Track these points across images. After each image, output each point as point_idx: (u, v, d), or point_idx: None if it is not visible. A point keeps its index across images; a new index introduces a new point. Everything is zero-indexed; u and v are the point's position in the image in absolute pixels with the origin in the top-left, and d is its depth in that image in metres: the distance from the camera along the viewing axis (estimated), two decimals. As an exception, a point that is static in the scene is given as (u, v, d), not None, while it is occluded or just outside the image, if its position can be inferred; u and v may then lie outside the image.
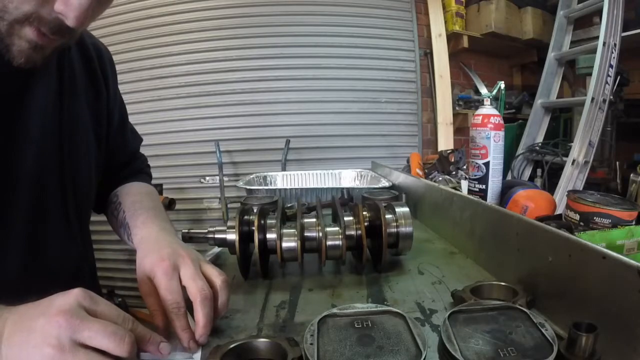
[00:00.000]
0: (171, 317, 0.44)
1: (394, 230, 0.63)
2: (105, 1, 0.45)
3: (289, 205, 1.00)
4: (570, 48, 2.11)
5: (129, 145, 0.77)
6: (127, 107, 0.76)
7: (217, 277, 0.48)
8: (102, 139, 0.66)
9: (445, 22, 2.40)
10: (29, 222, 0.52)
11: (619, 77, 1.76)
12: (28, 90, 0.52)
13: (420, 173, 1.53)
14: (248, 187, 1.18)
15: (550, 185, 1.87)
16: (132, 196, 0.67)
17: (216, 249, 0.76)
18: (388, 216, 0.64)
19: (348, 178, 1.49)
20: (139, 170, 0.79)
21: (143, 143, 0.81)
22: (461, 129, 2.48)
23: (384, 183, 1.19)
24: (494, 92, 1.22)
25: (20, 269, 0.51)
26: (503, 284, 0.51)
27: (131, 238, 0.59)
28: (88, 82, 0.63)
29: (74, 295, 0.35)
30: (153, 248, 0.50)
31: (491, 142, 0.97)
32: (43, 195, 0.54)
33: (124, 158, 0.75)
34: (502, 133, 0.98)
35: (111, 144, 0.70)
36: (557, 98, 2.19)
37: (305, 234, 0.62)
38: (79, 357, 0.32)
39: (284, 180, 1.46)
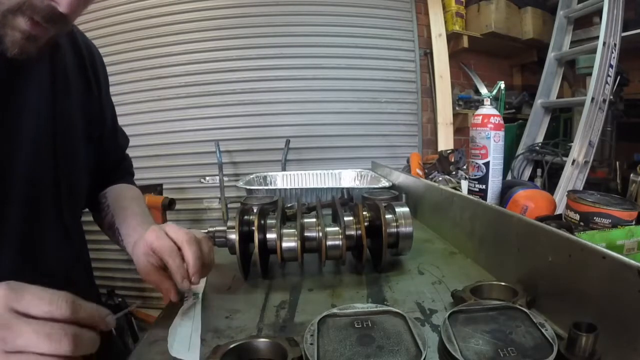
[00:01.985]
0: (166, 259, 0.49)
1: (394, 230, 0.63)
2: None
3: (289, 205, 1.00)
4: (570, 48, 2.11)
5: (120, 147, 0.78)
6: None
7: (199, 234, 0.54)
8: (93, 138, 0.66)
9: (445, 22, 2.40)
10: (24, 221, 0.51)
11: (619, 77, 1.76)
12: (21, 85, 0.51)
13: (420, 173, 1.53)
14: (248, 187, 1.18)
15: (550, 185, 1.87)
16: (121, 201, 0.68)
17: None
18: (388, 216, 0.64)
19: (348, 178, 1.49)
20: (126, 171, 0.80)
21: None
22: (461, 129, 2.48)
23: (384, 183, 1.19)
24: (494, 92, 1.22)
25: (15, 269, 0.50)
26: (503, 284, 0.51)
27: (123, 244, 0.62)
28: (80, 78, 0.63)
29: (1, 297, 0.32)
30: None
31: (491, 142, 0.97)
32: (37, 192, 0.53)
33: (114, 158, 0.76)
34: (502, 133, 0.98)
35: (105, 145, 0.70)
36: (557, 98, 2.19)
37: (305, 234, 0.62)
38: None
39: (284, 180, 1.46)
